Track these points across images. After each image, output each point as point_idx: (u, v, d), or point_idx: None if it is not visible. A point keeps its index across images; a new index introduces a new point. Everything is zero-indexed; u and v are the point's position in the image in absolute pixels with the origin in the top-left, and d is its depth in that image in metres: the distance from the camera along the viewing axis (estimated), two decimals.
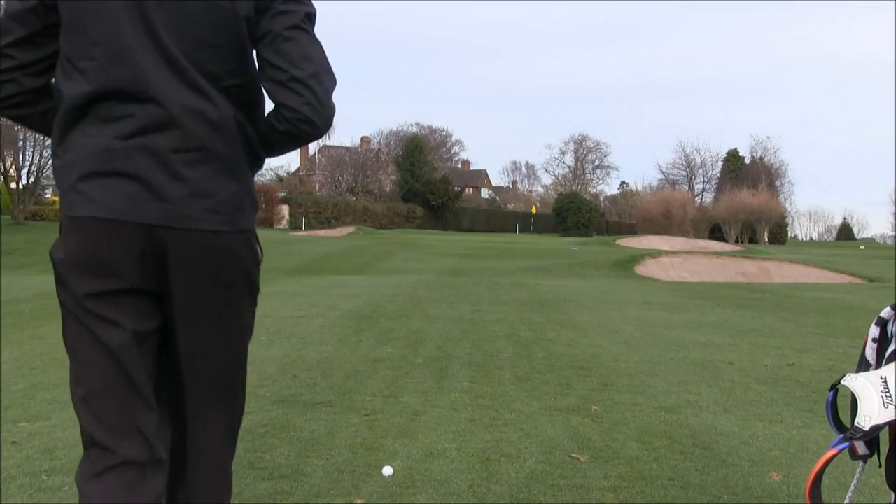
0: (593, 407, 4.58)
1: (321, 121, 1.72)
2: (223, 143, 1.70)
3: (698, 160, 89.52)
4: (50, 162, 37.89)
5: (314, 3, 1.84)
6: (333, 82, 1.77)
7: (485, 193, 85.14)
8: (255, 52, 1.77)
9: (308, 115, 1.71)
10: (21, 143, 36.77)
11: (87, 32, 1.65)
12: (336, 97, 1.77)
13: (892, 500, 2.07)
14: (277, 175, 65.63)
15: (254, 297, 1.85)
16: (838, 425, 2.07)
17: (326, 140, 67.31)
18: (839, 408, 2.10)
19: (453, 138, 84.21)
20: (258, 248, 1.82)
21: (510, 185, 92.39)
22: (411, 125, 75.52)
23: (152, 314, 1.73)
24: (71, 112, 1.67)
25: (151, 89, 1.64)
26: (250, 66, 1.77)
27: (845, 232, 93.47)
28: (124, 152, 1.64)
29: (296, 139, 1.77)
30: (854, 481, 2.15)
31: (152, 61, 1.65)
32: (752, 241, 64.66)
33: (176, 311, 1.73)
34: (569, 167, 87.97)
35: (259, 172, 1.97)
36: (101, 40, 1.64)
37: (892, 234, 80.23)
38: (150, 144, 1.64)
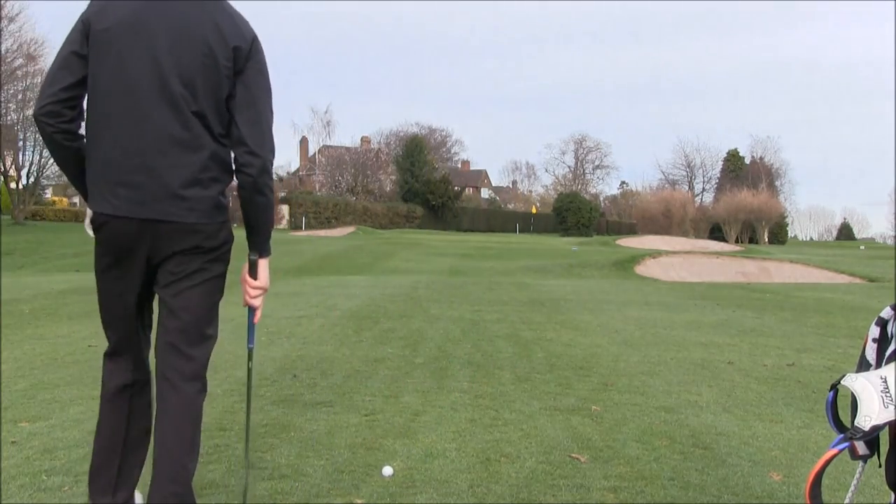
0: (593, 407, 4.57)
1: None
2: None
3: (698, 160, 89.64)
4: (49, 162, 38.12)
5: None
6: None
7: (485, 193, 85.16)
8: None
9: None
10: (21, 143, 36.82)
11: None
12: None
13: (893, 500, 2.07)
14: (277, 175, 65.67)
15: None
16: (838, 425, 2.07)
17: (326, 140, 67.43)
18: (839, 408, 2.10)
19: (453, 138, 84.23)
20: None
21: (510, 185, 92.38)
22: (411, 125, 75.57)
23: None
24: None
25: None
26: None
27: (845, 232, 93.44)
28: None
29: None
30: (854, 481, 2.15)
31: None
32: (752, 241, 64.69)
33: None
34: (569, 167, 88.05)
35: None
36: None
37: (892, 234, 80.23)
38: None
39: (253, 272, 2.50)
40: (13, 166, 37.65)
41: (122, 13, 2.30)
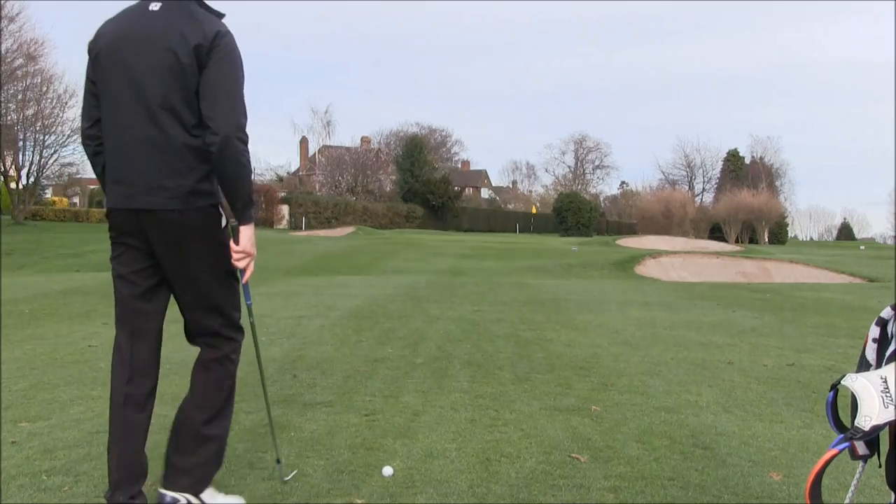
0: (593, 407, 4.57)
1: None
2: None
3: (698, 160, 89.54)
4: (49, 162, 38.19)
5: None
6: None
7: (485, 193, 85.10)
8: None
9: None
10: (21, 143, 36.79)
11: None
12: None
13: (893, 500, 2.08)
14: (277, 175, 65.64)
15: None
16: (838, 425, 2.07)
17: (326, 140, 67.42)
18: (839, 408, 2.10)
19: (453, 138, 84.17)
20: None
21: (510, 185, 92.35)
22: (411, 125, 75.49)
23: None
24: None
25: None
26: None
27: (845, 232, 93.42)
28: None
29: None
30: (854, 481, 2.15)
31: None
32: (752, 241, 64.67)
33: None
34: (569, 167, 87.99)
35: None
36: None
37: (892, 234, 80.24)
38: None
39: (235, 237, 2.78)
40: (13, 166, 37.62)
41: (107, 38, 2.72)
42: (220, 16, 2.80)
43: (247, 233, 2.75)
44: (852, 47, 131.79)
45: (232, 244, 2.76)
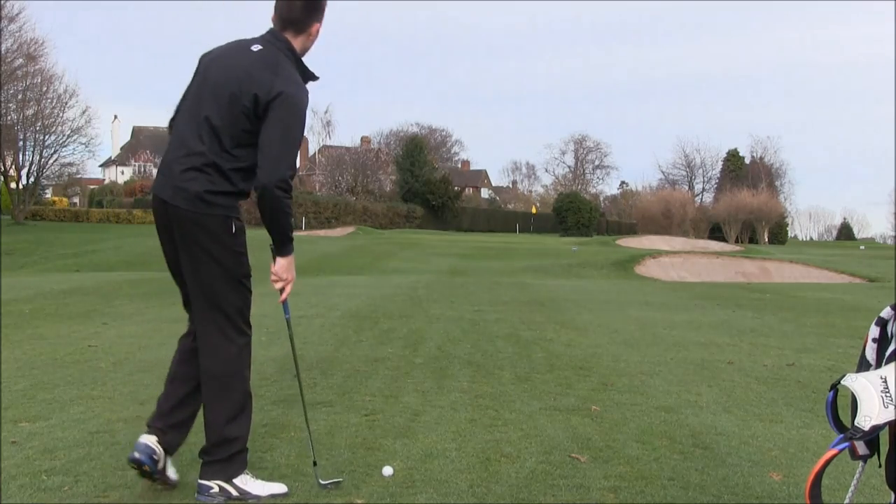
0: (593, 407, 4.57)
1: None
2: None
3: (698, 160, 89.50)
4: (49, 162, 38.17)
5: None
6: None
7: (485, 193, 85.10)
8: None
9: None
10: (21, 143, 36.78)
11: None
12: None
13: (893, 500, 2.08)
14: None
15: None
16: (838, 425, 2.07)
17: (326, 140, 67.36)
18: (839, 408, 2.10)
19: (453, 138, 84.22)
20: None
21: (510, 185, 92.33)
22: (411, 125, 75.48)
23: None
24: None
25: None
26: None
27: (845, 232, 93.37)
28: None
29: None
30: (854, 481, 2.16)
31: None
32: (752, 241, 64.65)
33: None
34: (569, 167, 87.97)
35: None
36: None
37: (892, 234, 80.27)
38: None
39: (273, 262, 3.13)
40: (13, 166, 37.62)
41: (211, 56, 3.16)
42: (310, 78, 3.12)
43: (282, 262, 3.09)
44: (852, 47, 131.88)
45: (272, 266, 3.09)
